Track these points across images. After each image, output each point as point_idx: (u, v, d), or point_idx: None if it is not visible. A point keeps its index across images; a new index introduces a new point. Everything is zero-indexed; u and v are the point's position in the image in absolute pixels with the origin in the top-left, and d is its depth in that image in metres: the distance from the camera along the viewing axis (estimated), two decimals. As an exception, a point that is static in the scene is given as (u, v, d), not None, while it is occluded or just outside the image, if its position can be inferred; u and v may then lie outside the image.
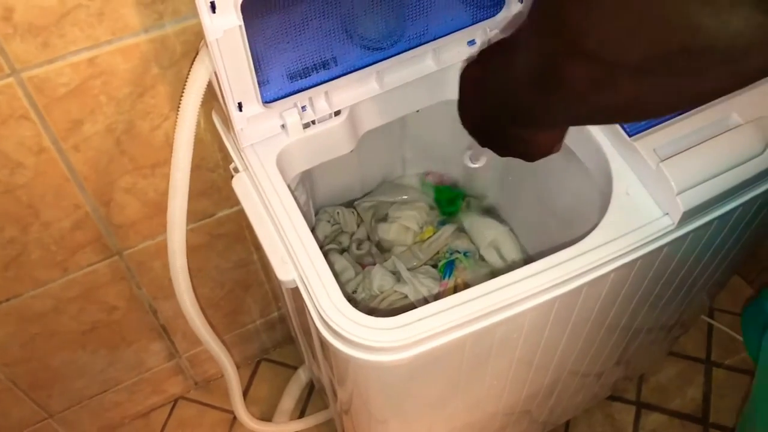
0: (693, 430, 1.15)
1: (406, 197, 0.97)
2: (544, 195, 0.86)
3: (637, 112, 0.44)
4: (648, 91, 0.37)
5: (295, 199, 0.65)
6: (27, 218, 0.76)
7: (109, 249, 0.86)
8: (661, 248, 0.63)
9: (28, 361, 0.94)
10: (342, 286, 0.88)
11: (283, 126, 0.66)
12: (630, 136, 0.63)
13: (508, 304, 0.58)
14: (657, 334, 0.95)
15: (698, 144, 0.62)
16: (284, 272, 0.61)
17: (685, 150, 0.61)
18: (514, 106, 0.49)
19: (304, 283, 0.60)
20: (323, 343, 0.62)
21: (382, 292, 0.87)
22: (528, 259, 0.87)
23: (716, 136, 0.62)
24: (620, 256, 0.60)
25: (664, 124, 0.63)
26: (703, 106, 0.64)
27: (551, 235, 0.84)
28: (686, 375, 1.20)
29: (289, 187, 0.66)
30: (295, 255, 0.60)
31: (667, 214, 0.62)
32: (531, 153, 0.56)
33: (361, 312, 0.57)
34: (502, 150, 0.58)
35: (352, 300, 0.84)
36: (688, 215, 0.61)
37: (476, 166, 0.74)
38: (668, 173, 0.60)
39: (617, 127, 0.64)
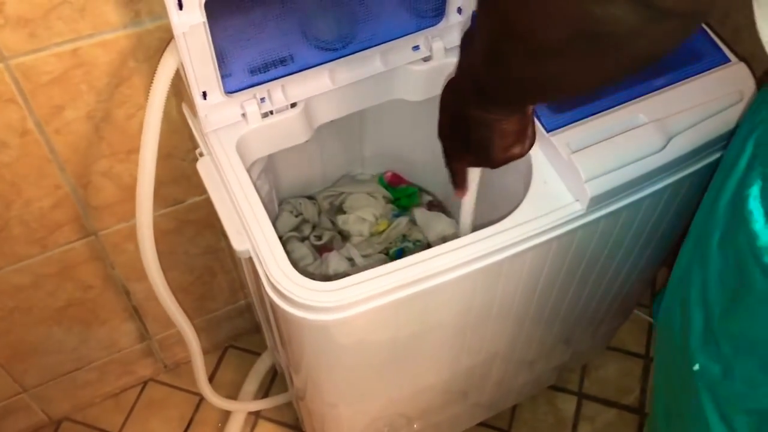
0: (629, 419, 1.23)
1: (363, 190, 1.05)
2: (483, 192, 0.95)
3: (565, 88, 0.51)
4: (567, 69, 0.45)
5: (257, 188, 0.73)
6: (10, 195, 0.83)
7: (86, 229, 0.93)
8: (574, 231, 0.72)
9: (6, 334, 1.00)
10: (301, 270, 0.96)
11: (243, 115, 0.74)
12: (547, 132, 0.71)
13: (435, 273, 0.66)
14: (588, 325, 1.03)
15: (607, 139, 0.70)
16: (239, 242, 0.69)
17: (594, 144, 0.70)
18: (476, 80, 0.55)
19: (255, 252, 0.68)
20: (273, 307, 0.70)
21: (336, 274, 0.95)
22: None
23: (623, 132, 0.71)
24: (535, 235, 0.69)
25: (578, 121, 0.72)
26: (614, 107, 0.73)
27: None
28: (626, 369, 1.29)
29: (248, 171, 0.74)
30: (248, 227, 0.68)
31: (578, 200, 0.70)
32: (495, 146, 0.60)
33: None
34: (465, 149, 0.62)
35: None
36: (596, 201, 0.70)
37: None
38: (578, 163, 0.68)
39: (537, 123, 0.72)
